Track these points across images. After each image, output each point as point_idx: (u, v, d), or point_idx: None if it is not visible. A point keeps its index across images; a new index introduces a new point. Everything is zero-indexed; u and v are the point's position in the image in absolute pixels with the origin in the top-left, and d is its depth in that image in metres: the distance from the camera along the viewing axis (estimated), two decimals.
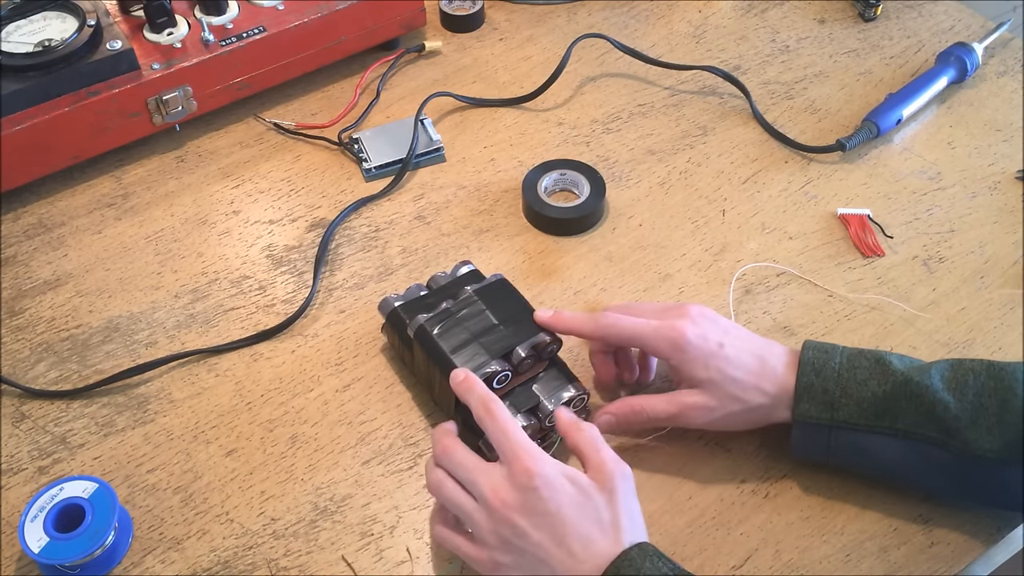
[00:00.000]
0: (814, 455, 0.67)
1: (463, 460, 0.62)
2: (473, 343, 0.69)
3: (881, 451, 0.64)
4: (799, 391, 0.65)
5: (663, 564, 0.57)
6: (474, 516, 0.60)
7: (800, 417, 0.65)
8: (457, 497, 0.61)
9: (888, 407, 0.63)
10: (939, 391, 0.63)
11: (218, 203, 0.90)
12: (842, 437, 0.64)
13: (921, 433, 0.63)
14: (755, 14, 1.08)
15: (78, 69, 0.86)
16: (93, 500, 0.65)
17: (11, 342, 0.79)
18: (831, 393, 0.64)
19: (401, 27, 1.01)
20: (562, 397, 0.69)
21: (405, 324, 0.72)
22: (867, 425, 0.64)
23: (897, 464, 0.64)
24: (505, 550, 0.59)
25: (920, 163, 0.92)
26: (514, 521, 0.58)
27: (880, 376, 0.64)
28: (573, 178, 0.89)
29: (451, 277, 0.76)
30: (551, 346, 0.70)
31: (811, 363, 0.65)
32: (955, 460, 0.62)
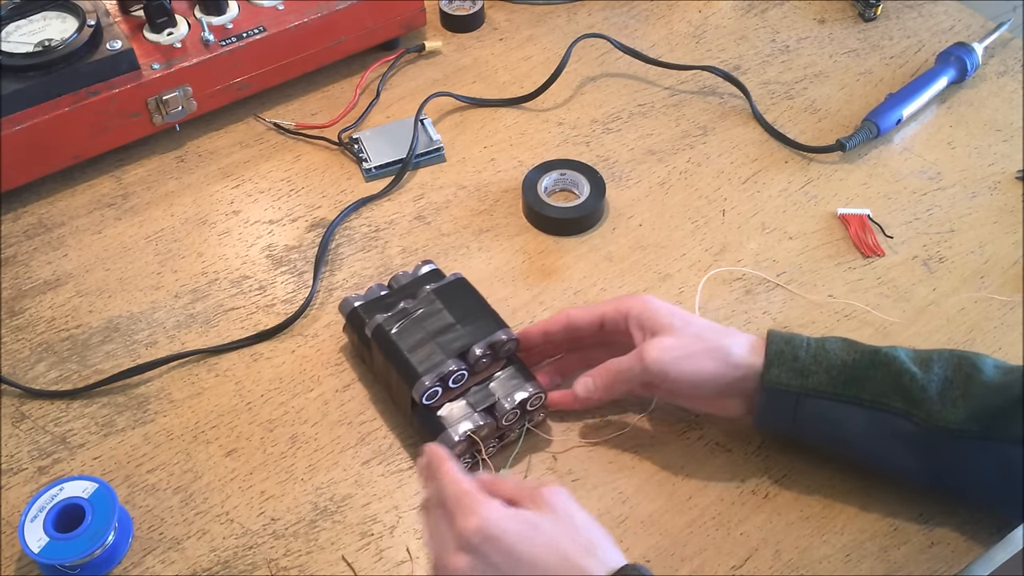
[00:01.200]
0: (778, 425, 0.67)
1: (429, 512, 0.60)
2: (430, 342, 0.69)
3: (845, 421, 0.64)
4: (770, 357, 0.65)
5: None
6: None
7: (770, 383, 0.65)
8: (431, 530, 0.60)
9: (856, 375, 0.64)
10: (906, 362, 0.64)
11: (218, 203, 0.90)
12: (809, 406, 0.65)
13: (886, 403, 0.63)
14: (755, 14, 1.08)
15: (78, 69, 0.86)
16: (93, 500, 0.65)
17: (11, 342, 0.79)
18: (802, 360, 0.65)
19: (401, 27, 1.01)
20: (519, 396, 0.69)
21: (364, 323, 0.72)
22: (834, 393, 0.64)
23: (860, 435, 0.65)
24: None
25: (920, 163, 0.92)
26: (476, 555, 0.56)
27: (848, 347, 0.65)
28: (573, 178, 0.89)
29: (412, 276, 0.76)
30: (508, 345, 0.70)
31: (780, 336, 0.66)
32: (919, 432, 0.63)
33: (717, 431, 0.73)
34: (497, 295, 0.82)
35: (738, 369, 0.66)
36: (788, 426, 0.66)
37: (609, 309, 0.70)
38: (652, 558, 0.66)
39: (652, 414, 0.74)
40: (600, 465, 0.71)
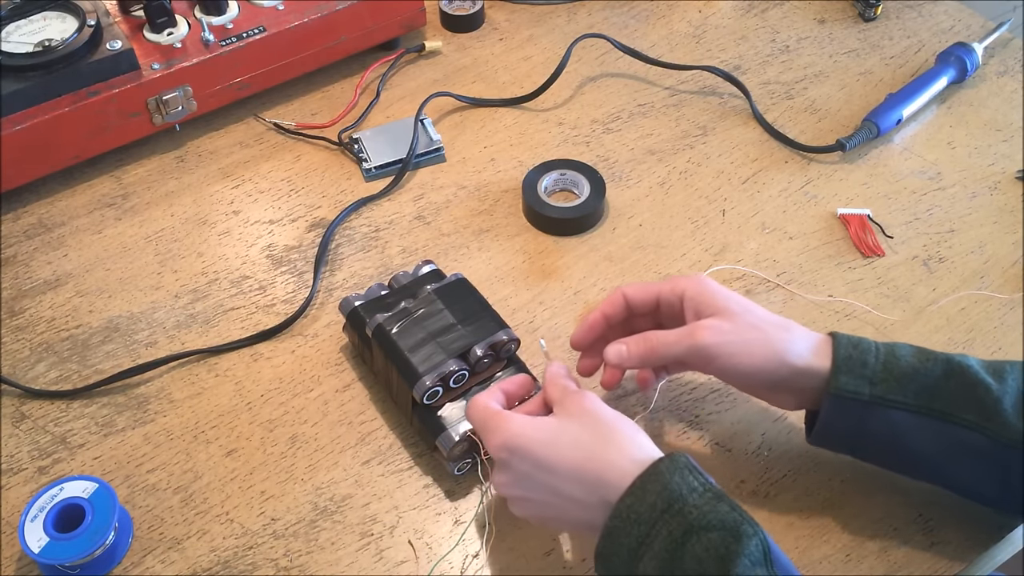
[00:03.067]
0: (840, 435, 0.64)
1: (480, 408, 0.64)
2: (431, 342, 0.69)
3: (914, 433, 0.61)
4: (838, 362, 0.61)
5: (694, 478, 0.56)
6: None
7: (837, 390, 0.61)
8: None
9: (928, 384, 0.60)
10: (980, 372, 0.61)
11: (218, 203, 0.90)
12: (878, 416, 0.61)
13: (958, 416, 0.60)
14: (755, 14, 1.08)
15: (78, 69, 0.86)
16: (93, 500, 0.65)
17: (11, 342, 0.79)
18: (871, 367, 0.61)
19: (401, 27, 1.01)
20: None
21: (364, 323, 0.72)
22: (905, 403, 0.60)
23: (927, 449, 0.61)
24: (524, 506, 0.61)
25: (920, 163, 0.92)
26: (513, 495, 0.61)
27: (919, 355, 0.62)
28: (573, 178, 0.89)
29: (412, 276, 0.76)
30: (509, 345, 0.70)
31: (847, 339, 0.63)
32: (991, 447, 0.59)
33: (717, 431, 0.73)
34: (497, 295, 0.82)
35: (796, 369, 0.62)
36: (851, 438, 0.63)
37: (665, 288, 0.67)
38: None
39: (652, 414, 0.74)
40: None
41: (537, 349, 0.78)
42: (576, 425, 0.59)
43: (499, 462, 0.60)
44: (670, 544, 0.54)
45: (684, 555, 0.54)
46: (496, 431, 0.60)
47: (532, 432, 0.59)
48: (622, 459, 0.57)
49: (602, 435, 0.59)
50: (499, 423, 0.60)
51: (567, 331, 0.79)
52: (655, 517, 0.55)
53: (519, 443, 0.59)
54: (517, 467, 0.59)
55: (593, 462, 0.58)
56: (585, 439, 0.59)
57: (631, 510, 0.56)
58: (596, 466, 0.58)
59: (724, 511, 0.55)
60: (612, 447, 0.58)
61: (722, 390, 0.75)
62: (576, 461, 0.58)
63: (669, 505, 0.55)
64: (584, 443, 0.58)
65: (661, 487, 0.55)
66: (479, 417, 0.62)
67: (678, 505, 0.55)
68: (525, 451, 0.59)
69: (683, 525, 0.54)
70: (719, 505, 0.55)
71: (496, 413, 0.61)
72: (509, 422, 0.60)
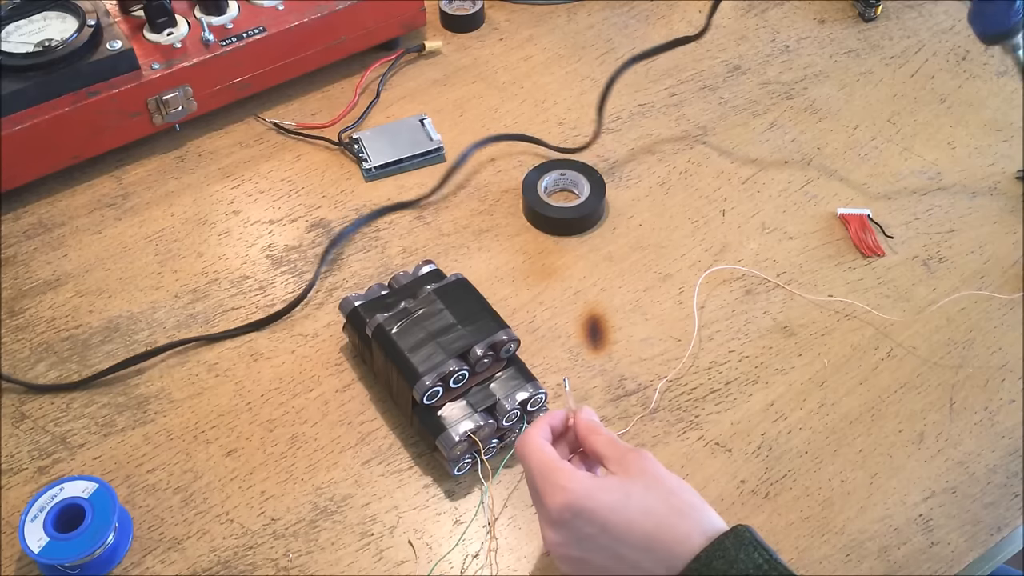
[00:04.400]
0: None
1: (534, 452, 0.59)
2: (431, 342, 0.69)
3: None
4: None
5: (759, 555, 0.53)
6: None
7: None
8: (534, 502, 0.60)
9: None
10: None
11: (218, 203, 0.90)
12: None
13: None
14: (755, 14, 1.08)
15: (78, 69, 0.86)
16: (93, 500, 0.65)
17: (11, 342, 0.79)
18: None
19: (401, 27, 1.01)
20: (519, 396, 0.69)
21: (364, 323, 0.72)
22: None
23: None
24: (578, 566, 0.57)
25: (920, 163, 0.92)
26: (570, 555, 0.56)
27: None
28: (573, 178, 0.89)
29: (412, 276, 0.76)
30: (509, 345, 0.70)
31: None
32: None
33: (717, 431, 0.73)
34: (497, 295, 0.82)
35: None
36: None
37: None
38: None
39: (652, 414, 0.74)
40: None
41: (538, 349, 0.78)
42: (642, 489, 0.56)
43: (558, 522, 0.56)
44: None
45: None
46: (559, 489, 0.56)
47: (601, 495, 0.55)
48: (694, 532, 0.54)
49: (672, 505, 0.55)
50: (561, 479, 0.56)
51: (567, 331, 0.79)
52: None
53: (587, 505, 0.55)
54: (580, 529, 0.55)
55: (664, 531, 0.54)
56: (655, 506, 0.55)
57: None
58: (667, 536, 0.54)
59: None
60: (684, 519, 0.55)
61: (722, 390, 0.75)
62: (646, 530, 0.54)
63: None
64: (655, 511, 0.55)
65: (727, 565, 0.53)
66: (537, 466, 0.58)
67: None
68: (592, 514, 0.55)
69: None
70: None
71: (559, 467, 0.57)
72: (574, 481, 0.56)
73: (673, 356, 0.77)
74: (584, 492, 0.55)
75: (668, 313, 0.80)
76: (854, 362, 0.77)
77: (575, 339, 0.79)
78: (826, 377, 0.76)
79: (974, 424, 0.73)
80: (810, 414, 0.74)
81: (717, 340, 0.78)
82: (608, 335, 0.79)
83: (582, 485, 0.56)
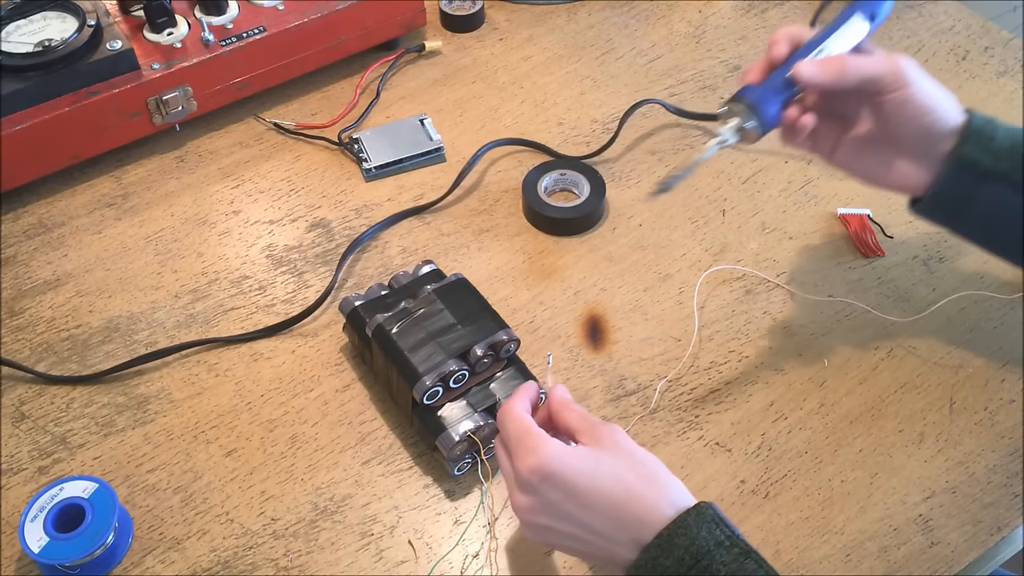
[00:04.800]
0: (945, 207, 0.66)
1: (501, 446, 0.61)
2: (431, 342, 0.69)
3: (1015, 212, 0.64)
4: (967, 132, 0.64)
5: (720, 532, 0.55)
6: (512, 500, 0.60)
7: (960, 158, 0.64)
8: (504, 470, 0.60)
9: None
10: None
11: (218, 203, 0.90)
12: (988, 190, 0.64)
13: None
14: (755, 14, 1.08)
15: (78, 69, 0.86)
16: (93, 500, 0.65)
17: (11, 342, 0.79)
18: (998, 143, 0.64)
19: (401, 27, 1.01)
20: None
21: (364, 323, 0.72)
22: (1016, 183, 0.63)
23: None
24: (544, 534, 0.58)
25: None
26: (536, 522, 0.57)
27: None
28: (573, 178, 0.89)
29: (412, 276, 0.76)
30: (509, 345, 0.70)
31: (981, 115, 0.65)
32: None
33: (717, 431, 0.73)
34: (497, 295, 0.82)
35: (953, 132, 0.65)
36: (957, 209, 0.65)
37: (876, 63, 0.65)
38: None
39: (652, 414, 0.74)
40: None
41: (539, 350, 0.78)
42: (612, 458, 0.57)
43: (526, 486, 0.57)
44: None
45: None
46: (531, 452, 0.57)
47: (570, 460, 0.56)
48: (663, 502, 0.56)
49: (640, 474, 0.56)
50: (536, 444, 0.57)
51: (567, 331, 0.79)
52: (682, 572, 0.54)
53: (556, 469, 0.56)
54: (547, 495, 0.56)
55: (632, 500, 0.56)
56: (624, 474, 0.56)
57: (656, 563, 0.54)
58: (636, 506, 0.56)
59: (751, 568, 0.54)
60: (653, 488, 0.56)
61: (722, 390, 0.75)
62: (615, 497, 0.56)
63: (696, 561, 0.54)
64: (623, 479, 0.56)
65: (688, 542, 0.54)
66: (514, 431, 0.59)
67: (705, 562, 0.54)
68: (561, 479, 0.56)
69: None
70: (746, 562, 0.54)
71: (534, 433, 0.58)
72: (547, 445, 0.57)
73: (673, 356, 0.77)
74: (555, 456, 0.56)
75: (668, 313, 0.80)
76: (854, 362, 0.77)
77: (575, 339, 0.79)
78: (826, 377, 0.76)
79: (974, 424, 0.73)
80: (810, 414, 0.74)
81: (717, 340, 0.78)
82: (608, 335, 0.79)
83: (553, 450, 0.57)
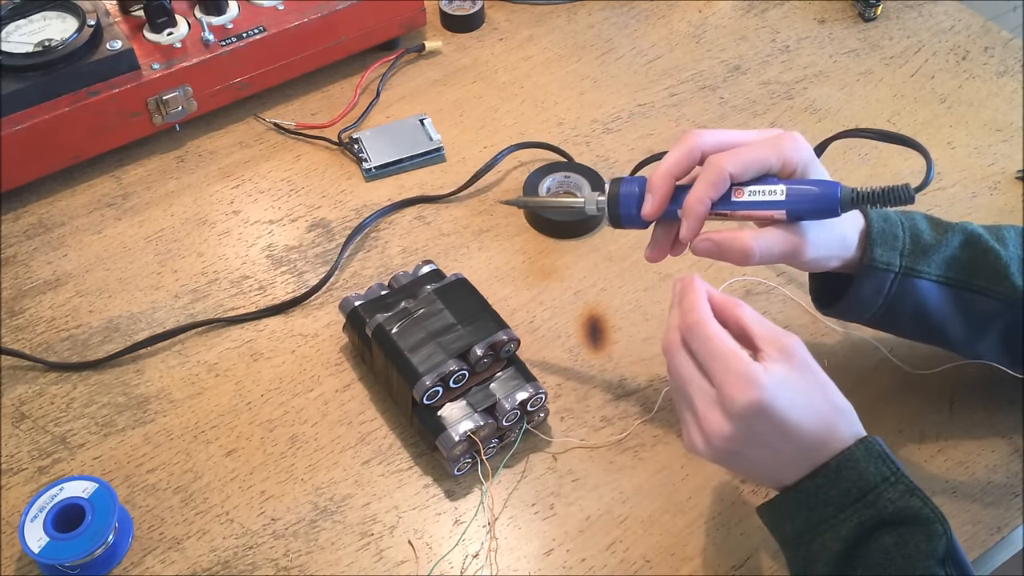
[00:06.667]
0: (863, 307, 0.66)
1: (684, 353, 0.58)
2: (431, 342, 0.69)
3: (933, 301, 0.65)
4: (872, 235, 0.64)
5: (887, 467, 0.55)
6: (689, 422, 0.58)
7: (872, 262, 0.63)
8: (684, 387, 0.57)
9: (947, 256, 0.65)
10: (988, 240, 0.65)
11: (218, 203, 0.90)
12: (905, 286, 0.64)
13: (973, 283, 0.65)
14: (755, 14, 1.08)
15: (78, 69, 0.86)
16: (93, 500, 0.65)
17: (11, 342, 0.79)
18: (902, 240, 0.64)
19: (401, 27, 1.01)
20: (519, 396, 0.69)
21: (364, 323, 0.72)
22: (928, 274, 0.64)
23: (944, 314, 0.65)
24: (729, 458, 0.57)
25: (920, 163, 0.91)
26: (731, 450, 0.55)
27: (935, 226, 0.66)
28: (576, 181, 0.89)
29: (412, 276, 0.76)
30: (509, 345, 0.70)
31: (876, 212, 0.65)
32: (999, 307, 0.64)
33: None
34: (497, 295, 0.82)
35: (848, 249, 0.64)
36: (877, 308, 0.65)
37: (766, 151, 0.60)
38: (652, 558, 0.66)
39: (653, 414, 0.74)
40: (600, 465, 0.71)
41: (538, 349, 0.78)
42: (807, 384, 0.55)
43: (740, 416, 0.54)
44: (859, 532, 0.54)
45: (871, 544, 0.54)
46: (750, 383, 0.53)
47: (783, 392, 0.54)
48: (847, 432, 0.55)
49: (832, 402, 0.56)
50: (753, 373, 0.53)
51: (567, 331, 0.79)
52: (847, 503, 0.54)
53: (774, 403, 0.53)
54: (757, 427, 0.54)
55: (826, 431, 0.55)
56: (820, 404, 0.55)
57: (821, 491, 0.55)
58: (828, 436, 0.55)
59: (917, 507, 0.54)
60: (841, 416, 0.56)
61: None
62: (814, 429, 0.55)
63: (864, 495, 0.54)
64: (820, 409, 0.55)
65: (857, 475, 0.54)
66: (719, 350, 0.55)
67: (872, 496, 0.54)
68: (775, 412, 0.53)
69: (876, 517, 0.54)
70: (912, 500, 0.54)
71: (743, 357, 0.54)
72: (764, 376, 0.53)
73: None
74: (773, 388, 0.53)
75: None
76: (854, 362, 0.77)
77: (575, 339, 0.79)
78: None
79: (974, 424, 0.73)
80: None
81: None
82: (608, 335, 0.79)
83: (772, 380, 0.54)
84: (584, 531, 0.68)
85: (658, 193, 0.62)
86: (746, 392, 0.53)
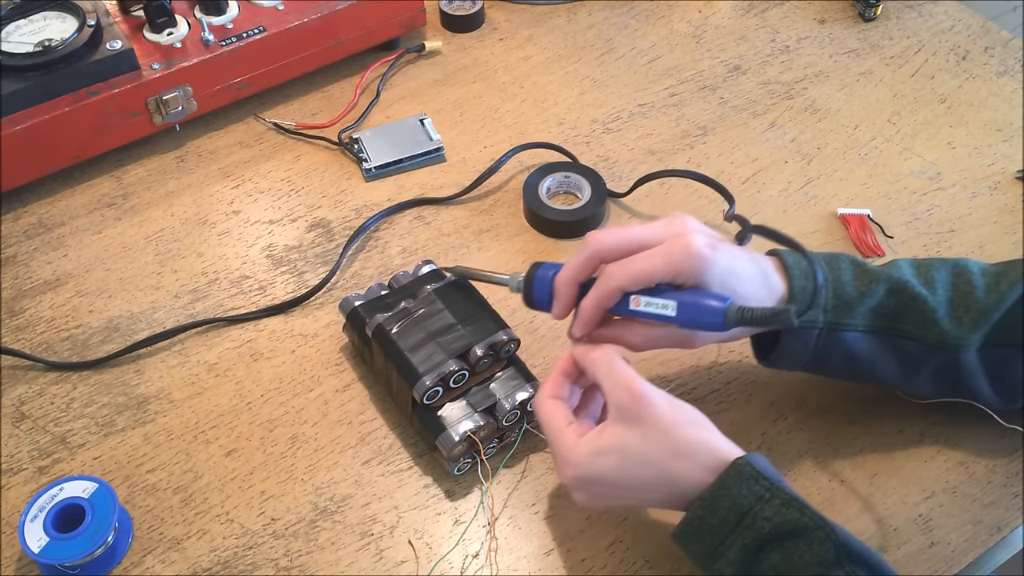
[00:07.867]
0: (795, 360, 0.67)
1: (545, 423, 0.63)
2: (431, 342, 0.69)
3: (861, 349, 0.65)
4: (794, 294, 0.63)
5: (760, 486, 0.56)
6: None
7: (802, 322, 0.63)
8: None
9: (873, 305, 0.65)
10: (916, 286, 0.65)
11: (218, 203, 0.90)
12: (831, 339, 0.65)
13: (901, 329, 0.65)
14: (755, 14, 1.08)
15: (78, 69, 0.86)
16: (93, 500, 0.65)
17: (11, 342, 0.79)
18: (823, 296, 0.64)
19: (401, 27, 1.01)
20: (519, 396, 0.69)
21: (364, 323, 0.72)
22: (854, 326, 0.64)
23: (874, 360, 0.66)
24: (606, 507, 0.64)
25: (920, 163, 0.92)
26: (596, 504, 0.62)
27: (860, 276, 0.65)
28: (576, 181, 0.89)
29: (412, 276, 0.76)
30: (509, 345, 0.70)
31: (796, 267, 0.64)
32: (927, 352, 0.65)
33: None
34: (497, 295, 0.81)
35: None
36: (807, 361, 0.66)
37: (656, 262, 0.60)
38: (652, 558, 0.66)
39: None
40: None
41: (538, 349, 0.78)
42: (640, 439, 0.58)
43: (575, 488, 0.61)
44: (744, 555, 0.56)
45: (762, 564, 0.56)
46: (565, 463, 0.60)
47: (600, 461, 0.59)
48: (695, 471, 0.58)
49: (671, 448, 0.58)
50: (565, 452, 0.60)
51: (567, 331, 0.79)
52: (728, 530, 0.56)
53: (590, 474, 0.59)
54: (594, 490, 0.60)
55: (666, 474, 0.58)
56: (653, 455, 0.58)
57: (703, 521, 0.57)
58: (669, 477, 0.58)
59: (794, 518, 0.55)
60: (683, 461, 0.58)
61: (721, 390, 0.75)
62: (650, 477, 0.59)
63: (740, 519, 0.56)
64: (653, 460, 0.58)
65: (730, 502, 0.56)
66: (548, 433, 0.62)
67: (748, 519, 0.56)
68: (599, 479, 0.59)
69: (756, 539, 0.56)
70: (789, 513, 0.56)
71: (562, 436, 0.61)
72: (575, 454, 0.60)
73: (673, 356, 0.77)
74: (585, 463, 0.59)
75: None
76: None
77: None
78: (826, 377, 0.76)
79: (974, 424, 0.73)
80: (810, 414, 0.74)
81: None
82: None
83: (583, 458, 0.59)
84: (584, 531, 0.68)
85: (563, 298, 0.64)
86: (564, 471, 0.61)
